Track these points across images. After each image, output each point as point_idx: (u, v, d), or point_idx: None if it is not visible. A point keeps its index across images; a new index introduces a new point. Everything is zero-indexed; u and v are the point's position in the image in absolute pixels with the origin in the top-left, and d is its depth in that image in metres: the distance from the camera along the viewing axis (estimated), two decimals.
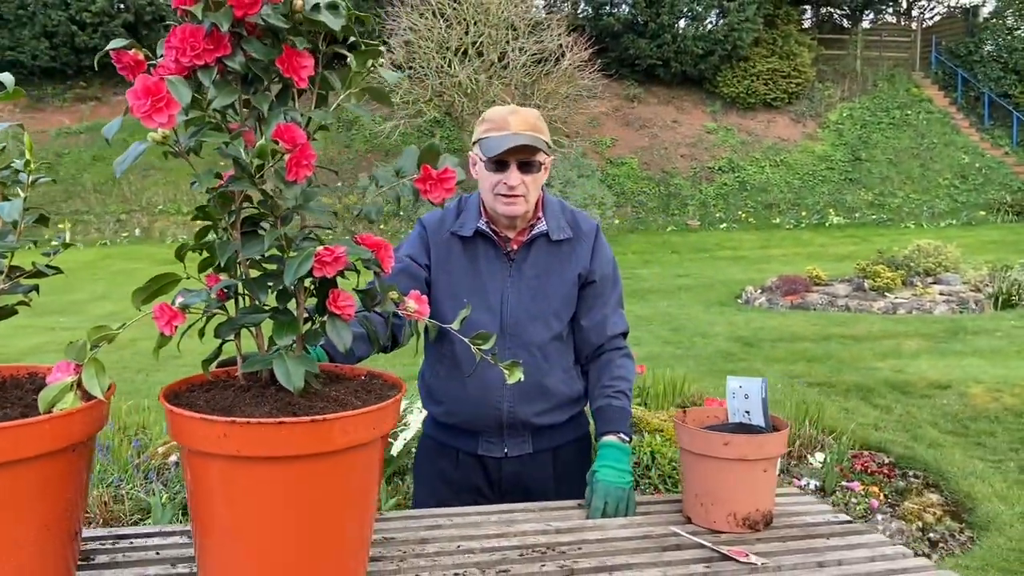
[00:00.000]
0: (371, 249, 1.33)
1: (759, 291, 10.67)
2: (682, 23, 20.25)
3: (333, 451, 1.21)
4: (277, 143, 1.21)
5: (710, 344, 7.96)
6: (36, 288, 1.25)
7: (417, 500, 2.13)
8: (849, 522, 1.70)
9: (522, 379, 1.40)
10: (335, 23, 1.24)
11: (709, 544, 1.56)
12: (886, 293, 10.00)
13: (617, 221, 17.13)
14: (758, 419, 1.73)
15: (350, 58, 1.32)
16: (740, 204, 18.45)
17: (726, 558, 1.51)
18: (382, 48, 1.34)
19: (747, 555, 1.51)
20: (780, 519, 1.70)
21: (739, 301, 10.51)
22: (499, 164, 1.87)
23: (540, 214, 1.99)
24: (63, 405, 1.16)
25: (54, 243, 1.23)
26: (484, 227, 1.96)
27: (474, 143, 1.94)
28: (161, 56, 1.23)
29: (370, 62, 1.35)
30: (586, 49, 16.27)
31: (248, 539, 1.22)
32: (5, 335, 8.18)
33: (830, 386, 6.15)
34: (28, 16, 17.59)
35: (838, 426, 4.75)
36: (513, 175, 1.86)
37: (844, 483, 3.84)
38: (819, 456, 4.14)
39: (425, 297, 1.44)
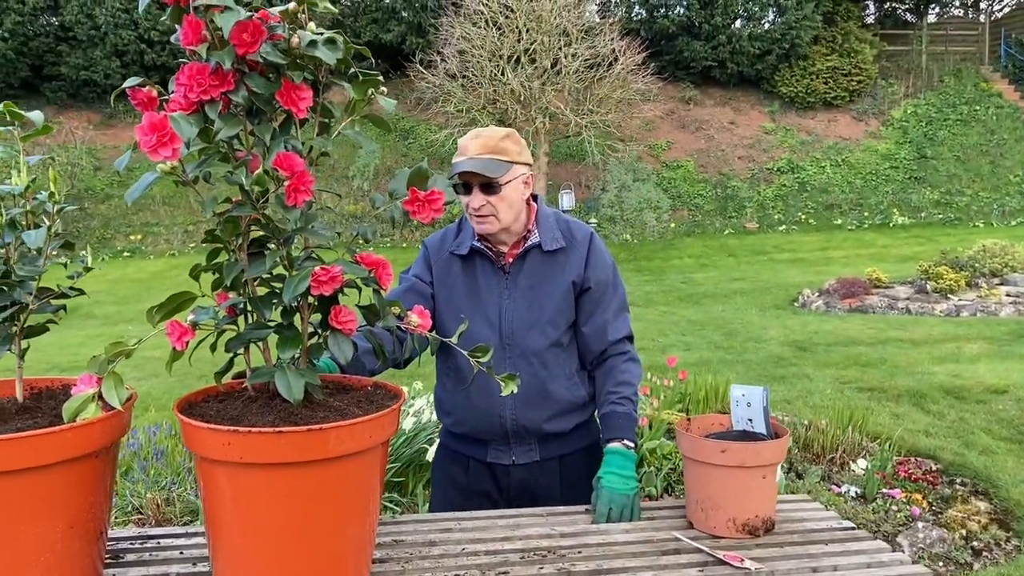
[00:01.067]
0: (370, 267, 1.41)
1: (816, 294, 10.48)
2: (737, 23, 20.00)
3: (330, 458, 1.29)
4: (277, 171, 1.30)
5: (762, 349, 7.87)
6: (64, 307, 1.36)
7: (433, 505, 2.23)
8: (851, 528, 1.71)
9: (515, 391, 1.46)
10: (331, 58, 1.32)
11: (706, 549, 1.60)
12: (949, 295, 9.71)
13: (673, 225, 17.00)
14: (760, 427, 1.75)
15: (349, 88, 1.41)
16: (800, 205, 18.12)
17: (721, 563, 1.54)
18: (380, 77, 1.42)
19: (742, 560, 1.54)
20: (782, 525, 1.72)
21: (795, 305, 10.34)
22: (466, 187, 1.96)
23: (532, 227, 2.05)
24: (86, 415, 1.27)
25: (77, 266, 1.34)
26: (479, 244, 2.04)
27: None
28: (173, 91, 1.33)
29: (370, 91, 1.44)
30: (639, 52, 16.21)
31: (254, 541, 1.31)
32: (77, 343, 8.60)
33: (882, 391, 6.03)
34: (100, 36, 18.39)
35: (884, 432, 4.66)
36: (476, 197, 1.94)
37: (886, 490, 3.77)
38: (862, 463, 4.07)
39: (428, 312, 1.52)
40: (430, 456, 3.56)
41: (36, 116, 1.33)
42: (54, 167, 1.26)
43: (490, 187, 1.93)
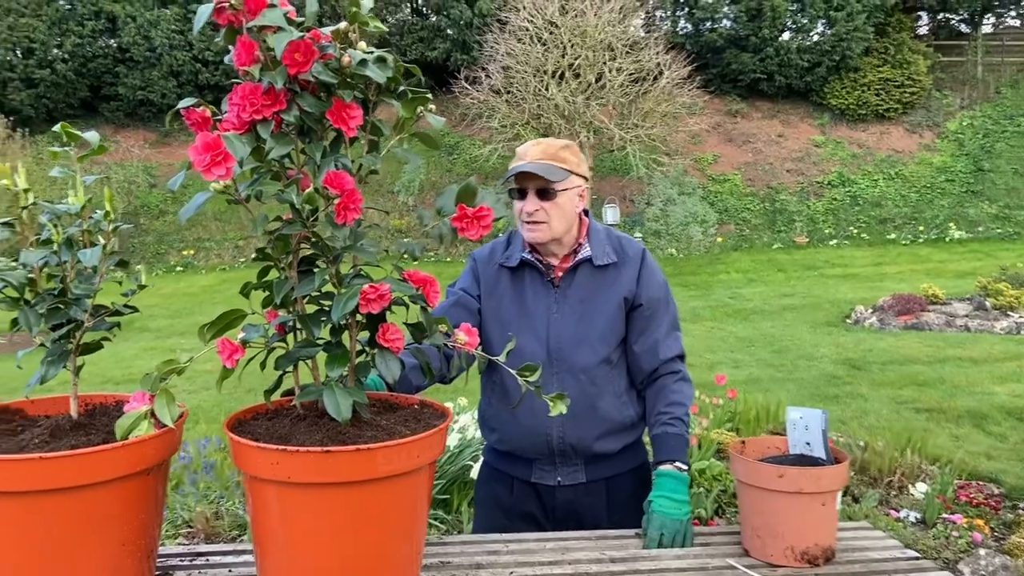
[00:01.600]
0: (417, 285, 1.40)
1: (870, 311, 10.23)
2: (786, 35, 19.77)
3: (378, 478, 1.27)
4: (327, 189, 1.30)
5: (814, 367, 7.70)
6: (118, 324, 1.37)
7: (476, 525, 2.19)
8: (916, 558, 1.64)
9: (564, 411, 1.43)
10: (380, 76, 1.32)
11: None
12: (1009, 312, 9.40)
13: (720, 239, 16.80)
14: (819, 451, 1.69)
15: (398, 106, 1.40)
16: (851, 219, 17.77)
17: None
18: (429, 95, 1.42)
19: None
20: (842, 554, 1.65)
21: (848, 321, 10.11)
22: (521, 192, 1.95)
23: (583, 240, 2.02)
24: (138, 432, 1.28)
25: (132, 284, 1.35)
26: (529, 256, 2.02)
27: None
28: (226, 111, 1.34)
29: (419, 109, 1.43)
30: (685, 66, 16.11)
31: (301, 560, 1.30)
32: (131, 356, 8.80)
33: (940, 412, 5.83)
34: (156, 57, 18.95)
35: (944, 454, 4.51)
36: (530, 202, 1.93)
37: (946, 515, 3.63)
38: (921, 486, 3.93)
39: (475, 329, 1.50)
40: (474, 473, 3.53)
41: (92, 137, 1.36)
42: (110, 186, 1.27)
43: (546, 193, 1.92)
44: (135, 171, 18.44)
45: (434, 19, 19.82)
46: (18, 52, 18.87)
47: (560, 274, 2.01)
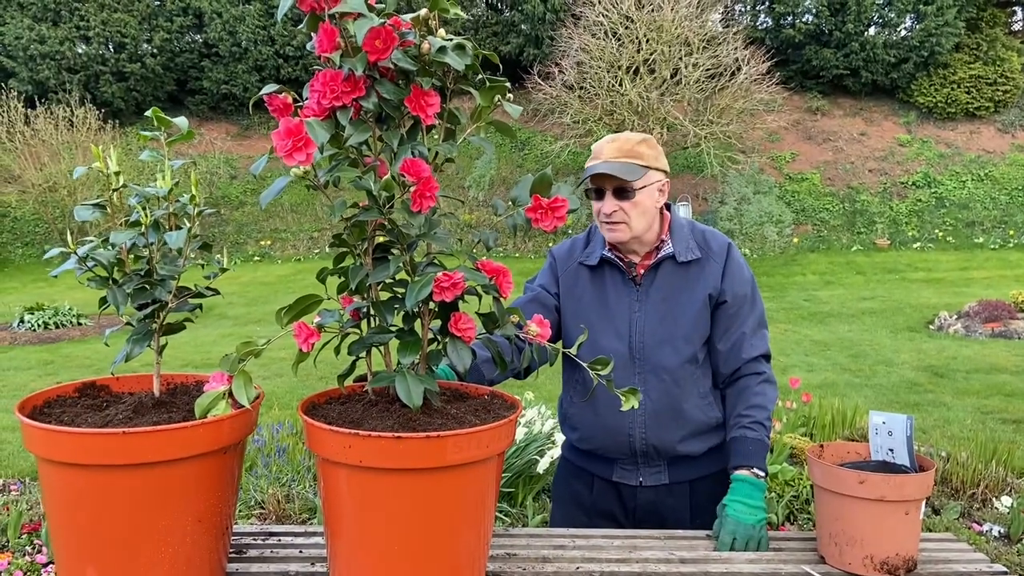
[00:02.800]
0: (490, 275, 1.39)
1: (955, 317, 9.82)
2: (872, 30, 19.11)
3: (447, 466, 1.28)
4: (404, 176, 1.30)
5: (894, 373, 7.43)
6: (200, 306, 1.41)
7: (553, 521, 2.16)
8: (1004, 573, 1.55)
9: (636, 406, 1.41)
10: (459, 64, 1.31)
11: None
12: None
13: (796, 240, 16.38)
14: (902, 458, 1.62)
15: (476, 95, 1.40)
16: (937, 222, 17.08)
17: None
18: (507, 83, 1.41)
19: None
20: (924, 566, 1.58)
21: (931, 327, 9.73)
22: (598, 192, 1.90)
23: (666, 236, 1.97)
24: (216, 412, 1.31)
25: (215, 267, 1.38)
26: (609, 254, 1.97)
27: None
28: (307, 98, 1.36)
29: (496, 97, 1.42)
30: (764, 62, 15.74)
31: (370, 543, 1.31)
32: (211, 342, 9.09)
33: None
34: (241, 52, 19.50)
35: None
36: (608, 202, 1.88)
37: None
38: (1006, 500, 3.75)
39: (547, 321, 1.49)
40: (541, 468, 3.52)
41: (181, 122, 1.39)
42: (196, 171, 1.30)
43: (623, 192, 1.87)
44: (217, 163, 19.03)
45: (508, 14, 19.85)
46: (110, 46, 19.67)
47: (642, 271, 1.96)
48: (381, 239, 1.41)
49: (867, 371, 7.53)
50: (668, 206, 2.03)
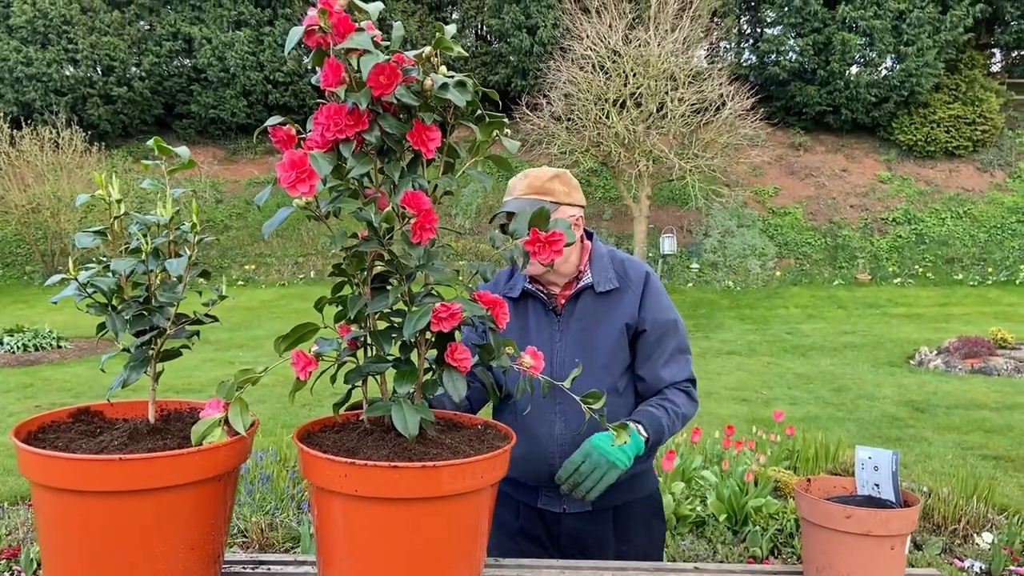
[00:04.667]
0: (487, 306, 1.41)
1: (935, 352, 9.92)
2: (854, 69, 19.48)
3: (442, 496, 1.28)
4: (404, 209, 1.32)
5: (875, 407, 7.49)
6: (197, 333, 1.42)
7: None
8: None
9: (627, 442, 1.43)
10: (461, 100, 1.34)
11: None
12: None
13: (778, 273, 16.53)
14: (888, 493, 1.65)
15: (476, 130, 1.43)
16: (917, 258, 17.31)
17: None
18: (506, 119, 1.44)
19: None
20: None
21: (912, 362, 9.82)
22: None
23: (584, 267, 1.99)
24: (212, 439, 1.31)
25: (213, 295, 1.40)
26: (530, 286, 2.01)
27: None
28: (310, 130, 1.38)
29: (494, 133, 1.45)
30: (749, 98, 15.99)
31: (364, 573, 1.31)
32: (192, 367, 9.02)
33: (1009, 460, 5.61)
34: (230, 78, 19.57)
35: (1012, 504, 4.32)
36: None
37: (1013, 567, 3.48)
38: (987, 536, 3.78)
39: (541, 353, 1.51)
40: None
41: (183, 152, 1.41)
42: (195, 199, 1.32)
43: None
44: (203, 186, 19.01)
45: (496, 45, 20.09)
46: (99, 69, 19.69)
47: (562, 302, 2.00)
48: (379, 269, 1.43)
49: (849, 405, 7.58)
50: (590, 236, 2.05)
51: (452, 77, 1.37)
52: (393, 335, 1.40)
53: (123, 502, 1.23)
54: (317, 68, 1.36)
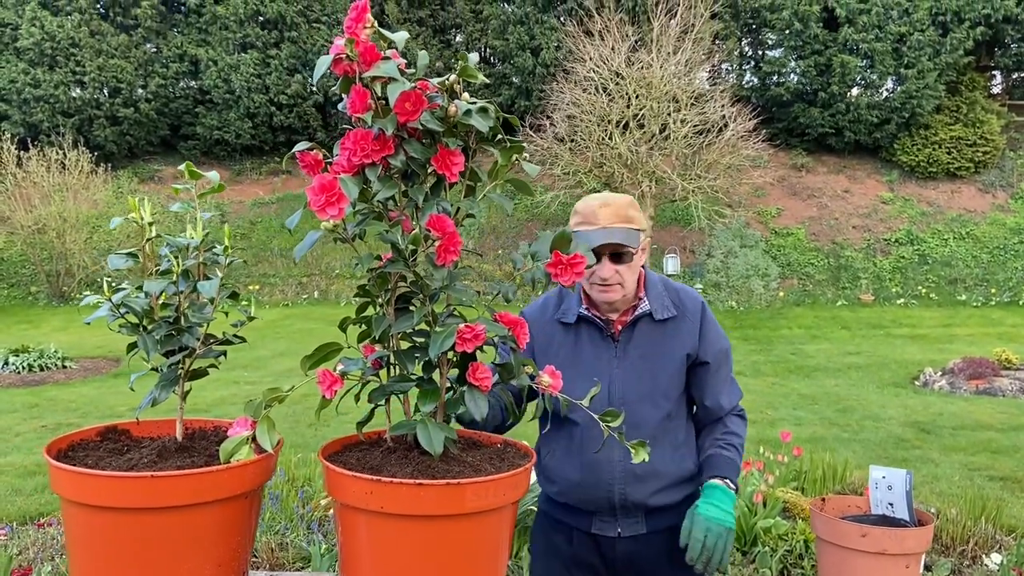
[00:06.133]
0: (508, 327, 1.44)
1: (940, 373, 9.91)
2: (855, 91, 19.61)
3: (466, 513, 1.31)
4: (429, 231, 1.36)
5: (881, 428, 7.48)
6: (224, 353, 1.45)
7: (533, 574, 2.17)
8: None
9: (647, 459, 1.45)
10: (484, 126, 1.38)
11: None
12: None
13: (782, 293, 16.55)
14: (902, 512, 1.67)
15: (496, 154, 1.46)
16: (920, 279, 17.33)
17: None
18: (524, 144, 1.48)
19: None
20: None
21: (916, 383, 9.81)
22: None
23: (642, 294, 2.01)
24: (239, 456, 1.34)
25: (241, 315, 1.43)
26: (586, 312, 2.01)
27: None
28: (336, 155, 1.42)
29: (514, 157, 1.49)
30: (751, 119, 16.10)
31: None
32: (197, 387, 8.99)
33: (1015, 481, 5.60)
34: (234, 100, 19.73)
35: (1021, 525, 4.32)
36: (605, 267, 1.90)
37: None
38: (996, 557, 3.78)
39: (559, 372, 1.54)
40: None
41: (213, 176, 1.45)
42: (226, 223, 1.36)
43: (620, 256, 1.91)
44: (208, 207, 19.10)
45: (500, 67, 20.26)
46: (105, 91, 19.86)
47: (619, 328, 2.00)
48: (403, 290, 1.46)
49: (855, 426, 7.57)
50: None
51: (475, 103, 1.41)
52: (416, 355, 1.43)
53: (154, 519, 1.26)
54: (344, 95, 1.40)
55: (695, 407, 2.06)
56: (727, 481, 1.89)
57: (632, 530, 1.99)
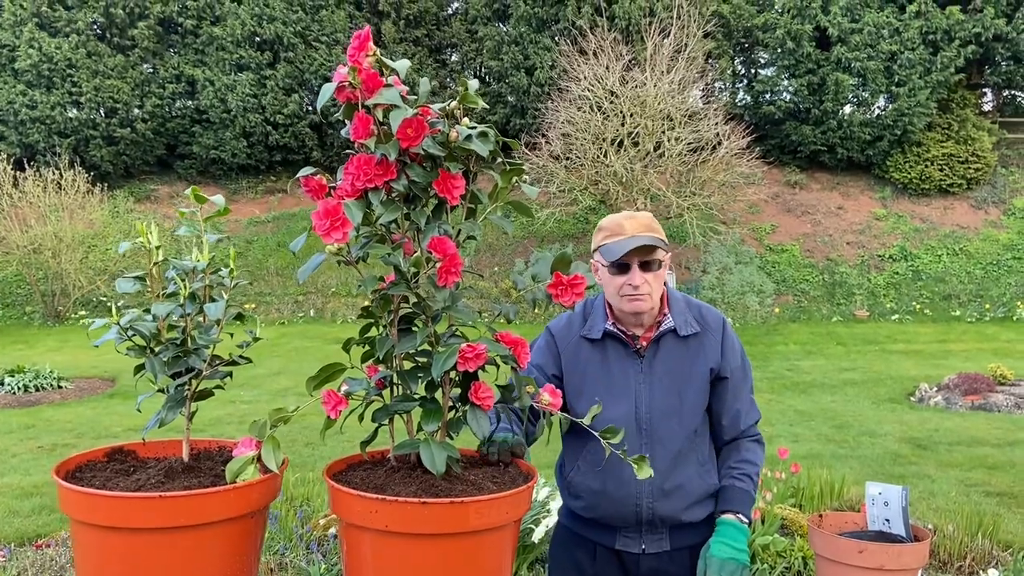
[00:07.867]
0: (509, 346, 1.47)
1: (935, 389, 9.94)
2: (847, 109, 19.77)
3: (469, 531, 1.33)
4: (431, 253, 1.39)
5: (878, 444, 7.49)
6: (230, 374, 1.47)
7: None
8: None
9: (652, 475, 1.47)
10: (484, 150, 1.41)
11: None
12: None
13: (777, 310, 16.60)
14: (898, 528, 1.69)
15: (496, 176, 1.50)
16: (914, 294, 17.40)
17: None
18: (523, 167, 1.51)
19: None
20: None
21: (912, 399, 9.84)
22: (621, 267, 1.95)
23: (666, 310, 2.04)
24: (245, 476, 1.36)
25: (246, 335, 1.45)
26: (612, 328, 2.04)
27: (594, 251, 2.03)
28: (339, 179, 1.45)
29: (513, 179, 1.52)
30: (744, 137, 16.21)
31: None
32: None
33: (1012, 496, 5.61)
34: (231, 119, 19.80)
35: (1018, 541, 4.33)
36: (636, 275, 1.94)
37: None
38: (993, 573, 3.79)
39: (559, 391, 1.56)
40: (536, 537, 3.53)
41: (218, 200, 1.48)
42: (232, 246, 1.38)
43: (649, 265, 1.95)
44: (209, 228, 19.10)
45: (495, 86, 20.39)
46: (102, 111, 19.92)
47: (645, 344, 2.02)
48: (405, 311, 1.49)
49: (851, 442, 7.59)
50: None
51: (475, 128, 1.44)
52: (419, 374, 1.45)
53: (162, 539, 1.27)
54: (347, 121, 1.43)
55: (713, 424, 2.09)
56: (739, 516, 1.92)
57: (656, 547, 2.01)
